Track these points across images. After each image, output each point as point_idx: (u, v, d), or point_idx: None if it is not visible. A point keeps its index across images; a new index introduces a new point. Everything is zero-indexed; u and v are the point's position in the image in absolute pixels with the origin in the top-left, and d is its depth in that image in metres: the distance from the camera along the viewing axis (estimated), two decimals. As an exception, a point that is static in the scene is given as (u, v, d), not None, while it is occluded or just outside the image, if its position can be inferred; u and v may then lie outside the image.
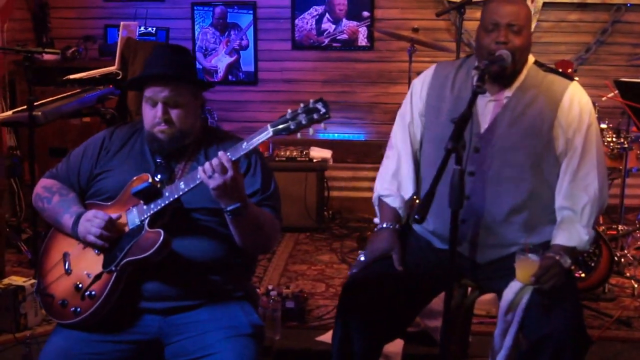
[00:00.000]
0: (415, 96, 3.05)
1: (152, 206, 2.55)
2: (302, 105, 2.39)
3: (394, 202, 3.00)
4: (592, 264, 4.19)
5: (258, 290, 4.07)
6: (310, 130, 2.41)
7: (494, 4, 2.87)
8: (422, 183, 3.03)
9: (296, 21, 6.48)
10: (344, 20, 6.43)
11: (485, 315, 4.02)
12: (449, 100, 2.93)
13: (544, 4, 6.20)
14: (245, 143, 2.43)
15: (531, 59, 2.94)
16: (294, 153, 6.00)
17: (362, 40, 6.47)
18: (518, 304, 2.68)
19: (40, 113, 3.92)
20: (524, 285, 2.67)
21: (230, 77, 6.63)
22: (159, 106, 2.63)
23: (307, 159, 5.96)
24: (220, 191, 2.39)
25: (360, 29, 6.43)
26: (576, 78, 4.27)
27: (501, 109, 2.86)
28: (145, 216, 2.55)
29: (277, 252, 5.40)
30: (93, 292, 2.54)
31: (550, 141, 2.82)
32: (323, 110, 2.36)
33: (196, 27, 6.57)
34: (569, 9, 6.26)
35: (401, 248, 2.90)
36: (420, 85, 3.05)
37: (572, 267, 2.83)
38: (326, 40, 6.50)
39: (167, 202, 2.53)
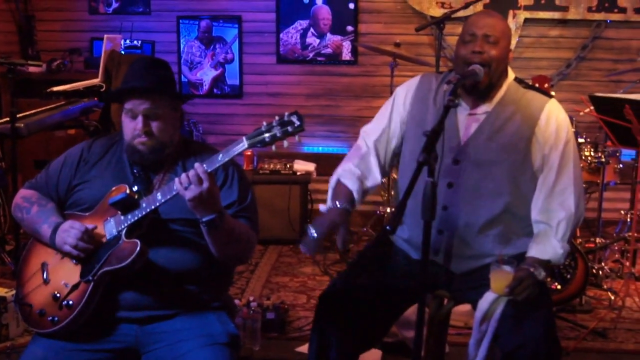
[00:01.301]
0: (398, 103, 3.07)
1: (129, 217, 2.57)
2: (277, 117, 2.42)
3: (353, 185, 2.92)
4: (568, 276, 4.23)
5: (239, 301, 4.10)
6: (285, 143, 2.43)
7: (473, 17, 2.94)
8: (400, 194, 3.06)
9: (281, 35, 6.53)
10: (328, 34, 6.48)
11: (463, 327, 4.04)
12: (431, 112, 2.96)
13: (526, 19, 6.26)
14: (221, 155, 2.45)
15: (512, 75, 2.98)
16: (278, 166, 6.03)
17: (346, 55, 6.52)
18: (492, 314, 2.71)
19: (22, 125, 3.94)
20: (499, 296, 2.70)
21: (215, 90, 6.66)
22: (139, 118, 2.65)
23: (290, 172, 5.99)
24: (195, 202, 2.42)
25: (344, 44, 6.48)
26: (553, 93, 4.39)
27: (480, 123, 2.90)
28: (123, 227, 2.57)
29: (260, 264, 5.42)
30: (70, 302, 2.56)
31: (528, 156, 2.87)
32: (297, 123, 2.39)
33: (182, 41, 6.60)
34: (550, 25, 6.33)
35: (347, 227, 2.76)
36: (404, 94, 3.07)
37: (547, 280, 2.86)
38: (311, 55, 6.54)
39: (144, 212, 2.55)
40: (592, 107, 4.21)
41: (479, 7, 6.13)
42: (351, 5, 6.43)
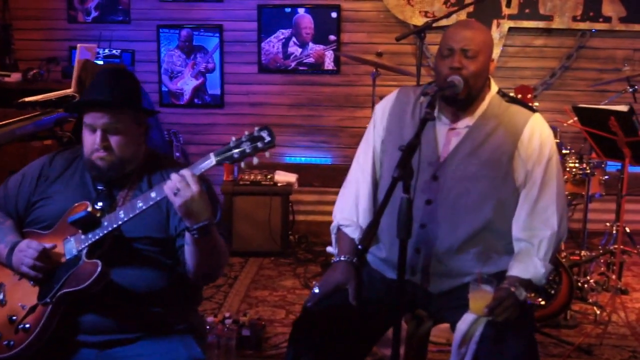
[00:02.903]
0: (377, 122, 2.97)
1: (90, 236, 2.43)
2: (246, 133, 2.29)
3: (354, 233, 2.89)
4: (553, 292, 4.10)
5: (214, 317, 3.95)
6: (255, 159, 2.30)
7: (451, 29, 2.81)
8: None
9: (262, 44, 6.39)
10: (311, 44, 6.35)
11: (445, 343, 3.91)
12: (409, 126, 2.84)
13: (510, 28, 6.15)
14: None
15: (494, 87, 2.86)
16: (259, 177, 5.89)
17: (329, 64, 6.39)
18: (472, 336, 2.57)
19: (-10, 136, 3.79)
20: (478, 317, 2.57)
21: (196, 100, 6.52)
22: (98, 132, 2.52)
23: (271, 183, 5.85)
24: (187, 207, 2.27)
25: (326, 53, 6.35)
26: (536, 103, 4.29)
27: (461, 138, 2.78)
28: (83, 246, 2.43)
29: (240, 277, 5.28)
30: (27, 325, 2.41)
31: (509, 172, 2.75)
32: (268, 138, 2.27)
33: (162, 50, 6.46)
34: (535, 34, 6.22)
35: (357, 282, 2.76)
36: (381, 111, 2.97)
37: (527, 299, 2.73)
38: (293, 64, 6.41)
39: (105, 232, 2.41)
40: (575, 119, 4.08)
41: (462, 15, 6.04)
42: (333, 15, 6.30)
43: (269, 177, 5.88)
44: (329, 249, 2.97)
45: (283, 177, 5.92)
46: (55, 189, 2.62)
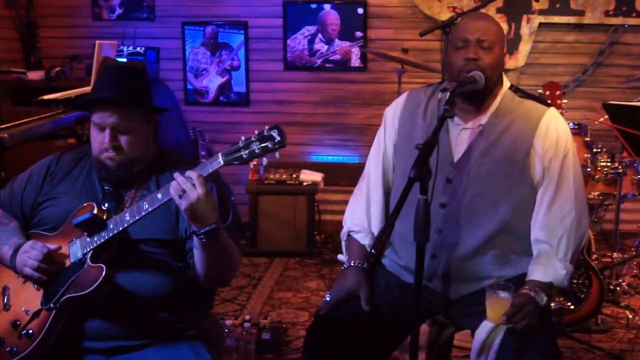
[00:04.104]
0: (388, 125, 2.88)
1: (95, 239, 2.35)
2: (256, 132, 2.20)
3: (364, 239, 2.79)
4: (582, 295, 3.95)
5: (234, 320, 3.87)
6: (264, 160, 2.21)
7: (463, 20, 2.72)
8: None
9: (288, 41, 6.29)
10: (337, 40, 6.24)
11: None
12: (420, 128, 2.74)
13: (540, 24, 5.98)
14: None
15: (506, 83, 2.75)
16: (284, 176, 5.79)
17: (355, 61, 6.27)
18: (491, 345, 2.46)
19: (6, 135, 3.72)
20: (496, 325, 2.45)
21: (221, 98, 6.44)
22: (107, 132, 2.44)
23: (296, 182, 5.75)
24: (193, 210, 2.19)
25: (353, 50, 6.23)
26: (565, 101, 4.13)
27: (474, 138, 2.66)
28: (88, 249, 2.35)
29: (264, 278, 5.19)
30: (30, 331, 2.34)
31: (526, 170, 2.63)
32: (278, 138, 2.17)
33: (187, 47, 6.39)
34: (566, 29, 6.04)
35: (369, 287, 2.68)
36: (392, 114, 2.88)
37: (550, 304, 2.60)
38: (318, 61, 6.30)
39: (111, 234, 2.33)
40: (606, 116, 3.93)
41: (491, 11, 5.89)
42: (360, 11, 6.18)
43: (294, 176, 5.79)
44: (340, 257, 2.87)
45: (308, 176, 5.81)
46: (61, 189, 2.55)
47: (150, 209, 2.27)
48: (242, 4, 6.32)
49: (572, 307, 3.95)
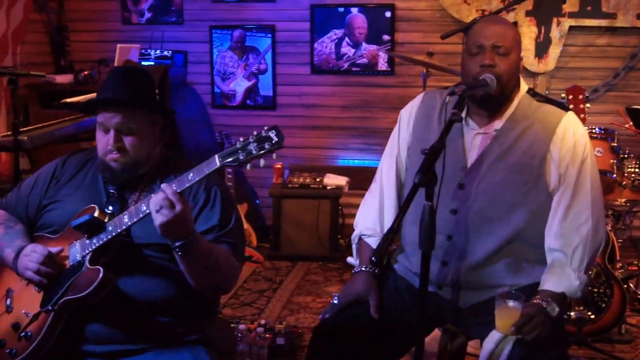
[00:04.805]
0: (403, 127, 2.81)
1: (94, 241, 2.32)
2: (254, 133, 2.15)
3: (376, 243, 2.71)
4: (603, 305, 3.83)
5: (250, 324, 3.82)
6: (261, 161, 2.16)
7: (479, 25, 2.62)
8: (405, 225, 2.75)
9: (315, 45, 6.24)
10: (364, 44, 6.17)
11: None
12: (435, 130, 2.66)
13: (571, 27, 5.84)
14: (191, 174, 2.20)
15: (524, 87, 2.66)
16: (308, 180, 5.74)
17: (382, 65, 6.19)
18: (499, 356, 2.37)
19: (26, 137, 3.74)
20: (505, 335, 2.36)
21: (248, 101, 6.41)
22: (111, 133, 2.41)
23: (320, 186, 5.70)
24: (166, 227, 2.15)
25: (380, 53, 6.16)
26: (588, 105, 4.01)
27: (489, 142, 2.57)
28: (87, 252, 2.32)
29: (285, 282, 5.14)
30: (29, 333, 2.32)
31: (541, 176, 2.53)
32: (275, 139, 2.13)
33: (214, 51, 6.37)
34: (597, 33, 5.89)
35: (379, 293, 2.61)
36: (407, 116, 2.81)
37: (562, 315, 2.50)
38: (345, 65, 6.24)
39: (109, 236, 2.30)
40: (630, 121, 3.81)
41: (520, 14, 5.78)
42: (388, 14, 6.11)
43: (318, 180, 5.73)
44: (350, 259, 2.81)
45: (333, 181, 5.76)
46: (66, 192, 2.53)
47: (147, 211, 2.22)
48: (270, 8, 6.29)
49: (592, 316, 3.83)
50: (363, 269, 2.67)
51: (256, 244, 5.83)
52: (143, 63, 5.79)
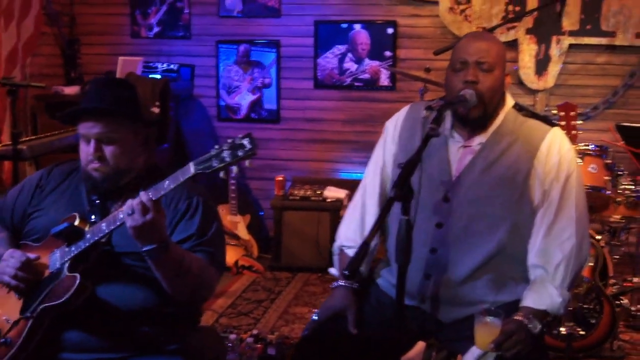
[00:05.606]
0: (389, 139, 2.74)
1: (72, 249, 2.27)
2: (228, 141, 2.10)
3: None
4: (593, 321, 3.74)
5: (241, 334, 3.76)
6: (234, 169, 2.11)
7: (463, 41, 2.55)
8: (387, 233, 2.69)
9: (318, 60, 6.19)
10: (366, 59, 6.12)
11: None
12: (419, 143, 2.59)
13: (570, 45, 5.76)
14: (167, 182, 2.15)
15: (510, 102, 2.59)
16: (308, 192, 5.70)
17: (384, 80, 6.14)
18: (479, 372, 2.31)
19: (25, 147, 3.72)
20: (485, 352, 2.29)
21: (252, 114, 6.36)
22: (92, 143, 2.37)
23: (320, 198, 5.65)
24: (136, 231, 2.12)
25: (382, 69, 6.10)
26: (579, 121, 3.94)
27: (473, 157, 2.51)
28: (66, 259, 2.27)
29: (283, 293, 5.08)
30: (9, 339, 2.28)
31: (526, 192, 2.46)
32: (249, 146, 2.08)
33: (220, 65, 6.34)
34: (597, 51, 5.81)
35: (356, 309, 2.53)
36: (393, 128, 2.74)
37: (543, 332, 2.43)
38: (348, 80, 6.19)
39: (87, 244, 2.26)
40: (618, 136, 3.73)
41: (520, 31, 5.71)
42: (390, 30, 6.06)
43: (318, 192, 5.68)
44: (331, 270, 2.74)
45: (332, 193, 5.70)
46: (49, 201, 2.50)
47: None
48: (275, 24, 6.25)
49: (582, 332, 3.74)
50: (342, 283, 2.59)
51: (257, 255, 5.77)
52: (150, 76, 5.78)
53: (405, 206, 2.13)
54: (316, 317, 2.55)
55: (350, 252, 2.66)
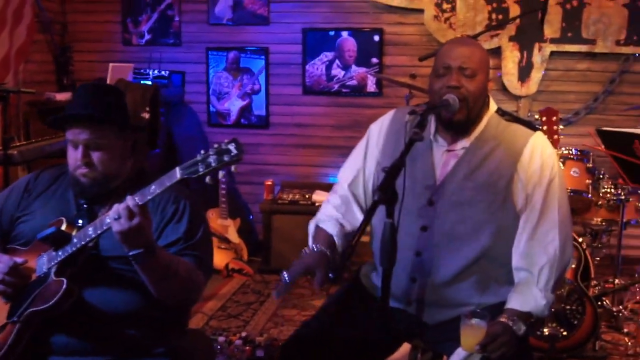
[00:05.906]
0: (372, 142, 2.70)
1: (59, 253, 2.23)
2: (215, 146, 2.06)
3: (332, 229, 2.57)
4: (575, 322, 3.72)
5: (230, 336, 3.73)
6: (220, 174, 2.07)
7: (446, 46, 2.52)
8: (373, 237, 2.66)
9: (307, 67, 6.17)
10: (353, 66, 6.10)
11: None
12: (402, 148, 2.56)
13: (552, 52, 5.76)
14: (153, 186, 2.11)
15: (493, 106, 2.56)
16: (297, 196, 5.66)
17: (371, 87, 6.12)
18: (465, 374, 2.28)
19: (15, 152, 3.67)
20: (470, 353, 2.26)
21: (242, 120, 6.33)
22: (80, 148, 2.33)
23: (309, 202, 5.61)
24: (122, 236, 2.08)
25: (369, 75, 6.08)
26: (561, 126, 3.92)
27: (457, 160, 2.48)
28: (53, 263, 2.23)
29: (272, 296, 5.02)
30: (-4, 344, 2.22)
31: (508, 196, 2.43)
32: (235, 151, 2.03)
33: (210, 72, 6.30)
34: (578, 58, 5.81)
35: (327, 269, 2.39)
36: (377, 131, 2.70)
37: (528, 334, 2.40)
38: (336, 86, 6.16)
39: (74, 248, 2.21)
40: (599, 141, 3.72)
41: (504, 39, 5.70)
42: (376, 38, 6.04)
43: (307, 196, 5.65)
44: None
45: (321, 197, 5.66)
46: (37, 205, 2.45)
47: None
48: (264, 31, 6.22)
49: (565, 333, 3.72)
50: (314, 248, 2.49)
51: (247, 258, 5.73)
52: (142, 82, 5.73)
53: (389, 209, 2.11)
54: (287, 277, 2.39)
55: (326, 226, 2.60)
